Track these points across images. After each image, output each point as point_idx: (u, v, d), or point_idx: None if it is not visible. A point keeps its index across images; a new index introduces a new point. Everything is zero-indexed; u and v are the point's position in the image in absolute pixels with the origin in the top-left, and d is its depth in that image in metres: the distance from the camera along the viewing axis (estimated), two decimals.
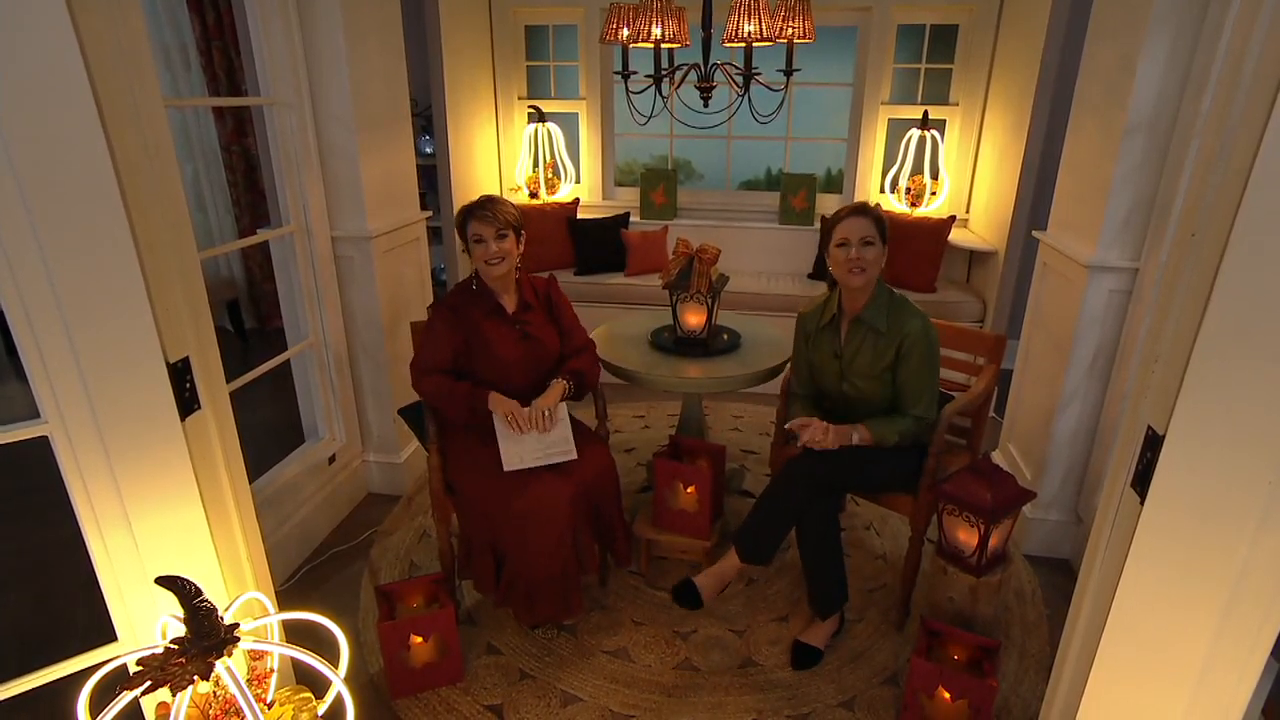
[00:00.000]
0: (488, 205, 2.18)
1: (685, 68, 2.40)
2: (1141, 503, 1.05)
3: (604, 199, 4.73)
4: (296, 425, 2.97)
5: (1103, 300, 2.40)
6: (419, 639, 2.06)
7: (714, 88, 2.41)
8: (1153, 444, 1.04)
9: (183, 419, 1.25)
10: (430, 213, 3.25)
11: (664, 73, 2.33)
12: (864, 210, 2.10)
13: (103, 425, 1.15)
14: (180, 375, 1.25)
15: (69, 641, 2.29)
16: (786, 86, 2.39)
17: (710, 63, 2.37)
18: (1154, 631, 1.11)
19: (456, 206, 4.18)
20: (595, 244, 4.34)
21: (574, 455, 2.19)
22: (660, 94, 2.34)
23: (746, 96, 2.32)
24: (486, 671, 2.18)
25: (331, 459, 2.87)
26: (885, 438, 2.12)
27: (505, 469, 2.14)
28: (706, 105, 2.44)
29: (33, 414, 1.14)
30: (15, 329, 1.08)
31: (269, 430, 3.28)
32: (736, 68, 2.39)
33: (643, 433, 3.65)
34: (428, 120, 4.40)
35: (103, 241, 1.10)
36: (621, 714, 2.04)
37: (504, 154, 4.72)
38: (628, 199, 4.72)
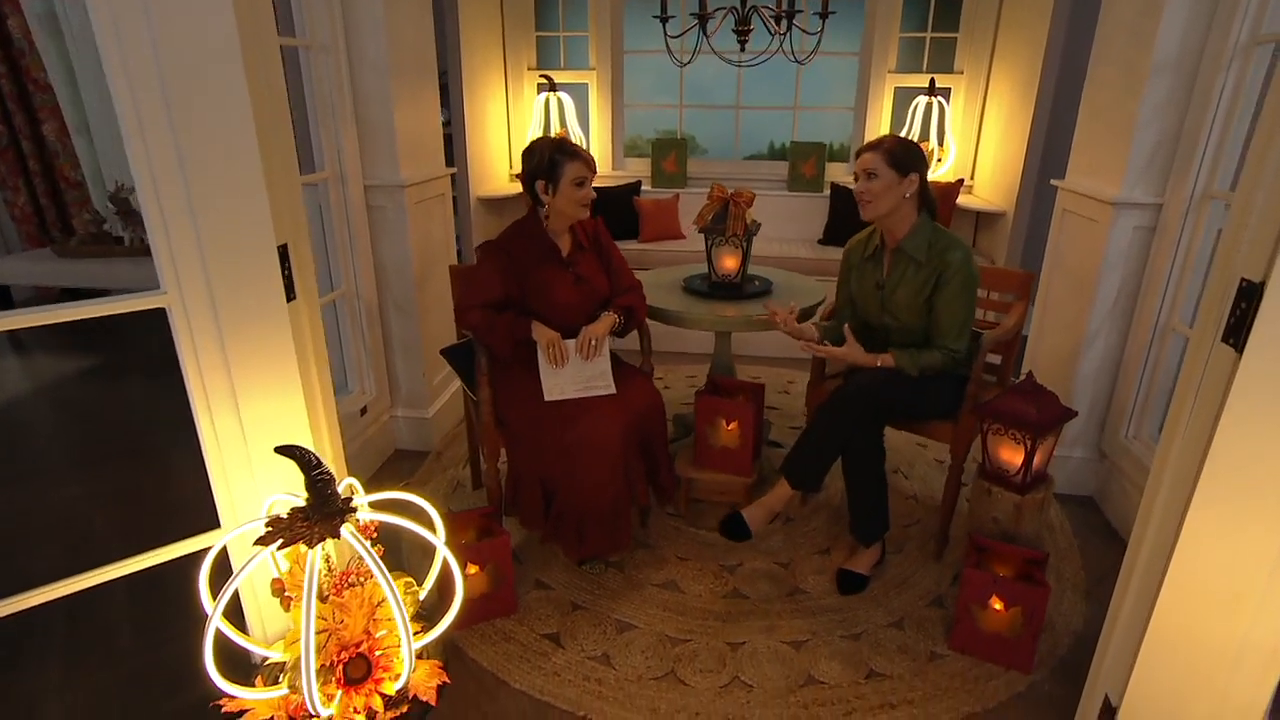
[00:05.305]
0: (578, 147, 2.19)
1: (723, 11, 2.44)
2: (1239, 355, 1.10)
3: (614, 169, 4.75)
4: None
5: (1127, 237, 2.47)
6: (475, 568, 2.06)
7: (751, 31, 2.45)
8: (1247, 294, 1.08)
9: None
10: (455, 169, 3.25)
11: (705, 14, 2.37)
12: (873, 145, 2.14)
13: (217, 299, 1.16)
14: (283, 260, 1.26)
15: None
16: (821, 30, 2.44)
17: (748, 5, 2.41)
18: (1253, 483, 1.13)
19: (471, 175, 4.20)
20: (608, 212, 4.34)
21: (613, 390, 2.21)
22: (704, 32, 2.38)
23: (788, 35, 2.36)
24: (539, 604, 2.19)
25: (363, 411, 2.86)
26: (906, 368, 2.17)
27: (545, 399, 2.16)
28: (744, 49, 2.48)
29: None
30: (144, 202, 1.08)
31: None
32: (771, 9, 2.44)
33: (664, 393, 3.67)
34: (442, 88, 4.38)
35: (228, 117, 1.11)
36: (678, 638, 2.07)
37: (513, 124, 4.72)
38: (638, 169, 4.74)
